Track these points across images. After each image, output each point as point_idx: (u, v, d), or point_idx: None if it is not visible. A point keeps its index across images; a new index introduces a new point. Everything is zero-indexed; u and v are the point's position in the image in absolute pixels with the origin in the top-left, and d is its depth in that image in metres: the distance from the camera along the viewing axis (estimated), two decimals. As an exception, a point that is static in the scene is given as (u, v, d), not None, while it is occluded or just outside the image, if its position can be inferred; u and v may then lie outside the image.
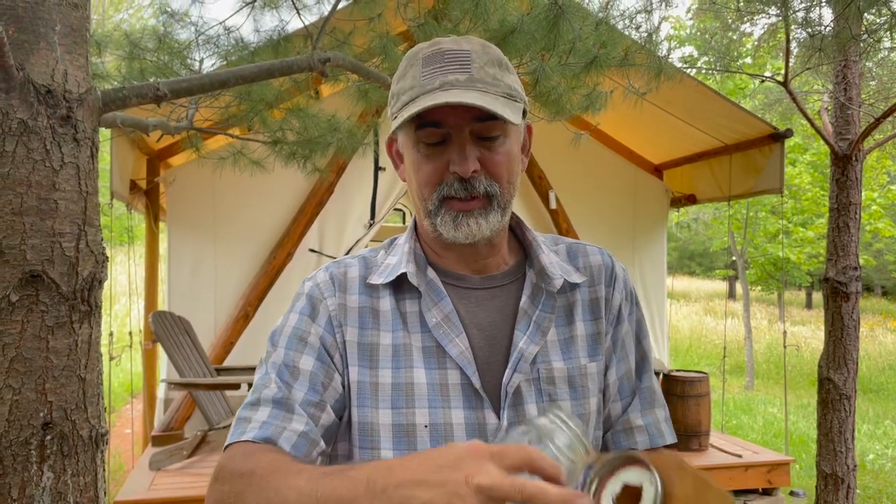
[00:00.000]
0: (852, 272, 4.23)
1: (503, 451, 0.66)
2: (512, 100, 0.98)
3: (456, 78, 0.95)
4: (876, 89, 7.26)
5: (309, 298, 1.05)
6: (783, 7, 3.69)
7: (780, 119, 8.68)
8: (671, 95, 4.64)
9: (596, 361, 1.07)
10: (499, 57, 1.01)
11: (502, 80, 0.99)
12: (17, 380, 1.64)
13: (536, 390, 1.01)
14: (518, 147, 1.05)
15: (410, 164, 1.03)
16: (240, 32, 3.64)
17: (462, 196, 0.98)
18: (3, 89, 1.62)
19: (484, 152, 0.98)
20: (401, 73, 1.02)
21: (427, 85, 0.96)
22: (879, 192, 12.41)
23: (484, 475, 0.64)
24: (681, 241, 23.30)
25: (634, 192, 6.60)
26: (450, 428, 0.97)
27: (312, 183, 5.44)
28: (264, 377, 1.00)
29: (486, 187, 0.98)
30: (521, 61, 3.37)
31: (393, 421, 0.98)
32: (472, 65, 0.97)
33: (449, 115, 0.96)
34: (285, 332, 1.03)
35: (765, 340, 15.18)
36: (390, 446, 0.97)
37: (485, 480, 0.64)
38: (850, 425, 4.23)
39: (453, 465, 0.66)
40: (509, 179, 1.01)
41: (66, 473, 1.70)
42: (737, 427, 8.34)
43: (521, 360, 1.01)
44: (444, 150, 0.98)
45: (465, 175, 0.97)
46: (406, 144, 1.03)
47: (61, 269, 1.69)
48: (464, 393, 0.99)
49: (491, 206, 0.99)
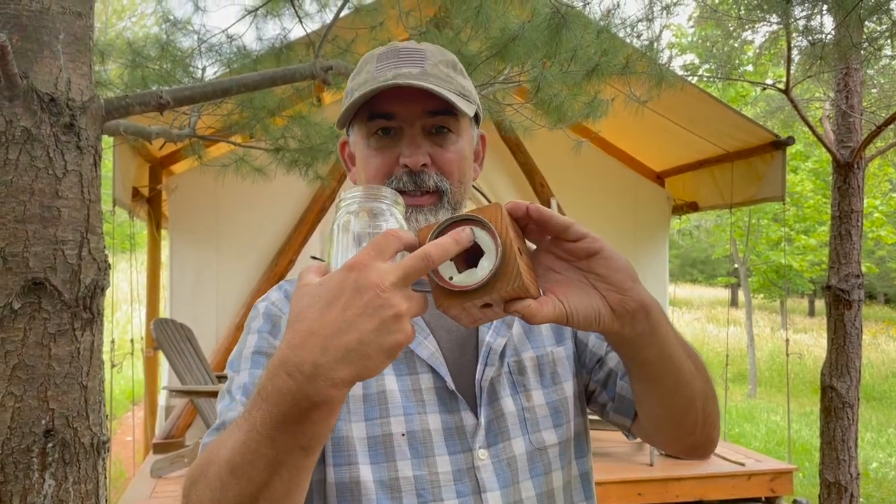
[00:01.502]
0: (855, 280, 4.22)
1: (378, 247, 0.65)
2: (464, 98, 0.98)
3: (409, 71, 0.95)
4: (877, 97, 7.26)
5: (267, 316, 1.00)
6: (784, 15, 3.70)
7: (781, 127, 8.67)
8: (672, 103, 4.65)
9: (563, 346, 1.04)
10: (453, 60, 1.01)
11: (455, 79, 0.99)
12: (20, 387, 1.64)
13: (510, 383, 0.99)
14: (470, 150, 1.03)
15: (360, 159, 1.01)
16: (242, 40, 3.66)
17: (411, 190, 0.96)
18: (7, 97, 1.63)
19: (435, 148, 0.97)
20: (356, 72, 1.02)
21: (380, 77, 0.95)
22: (881, 199, 12.41)
23: (387, 274, 0.63)
24: (683, 248, 23.27)
25: (636, 199, 6.60)
26: (427, 434, 0.94)
27: (314, 190, 5.45)
28: (229, 403, 0.92)
29: (437, 182, 0.97)
30: (522, 69, 3.38)
31: (368, 433, 0.93)
32: (425, 61, 0.97)
33: (401, 108, 0.96)
34: (245, 354, 0.97)
35: (767, 348, 15.14)
36: (367, 460, 0.93)
37: (393, 275, 0.63)
38: (853, 433, 4.21)
39: (352, 291, 0.63)
40: (461, 179, 1.00)
41: (67, 481, 1.70)
42: (739, 435, 8.31)
43: (490, 354, 0.99)
44: (395, 144, 0.97)
45: (414, 167, 0.95)
46: (357, 141, 1.01)
47: (63, 277, 1.69)
48: (438, 396, 0.96)
49: (441, 204, 0.97)
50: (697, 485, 4.55)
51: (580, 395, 1.06)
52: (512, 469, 0.95)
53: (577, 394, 1.05)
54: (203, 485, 0.74)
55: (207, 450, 0.78)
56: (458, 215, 0.75)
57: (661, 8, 3.46)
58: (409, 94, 0.94)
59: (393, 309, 0.63)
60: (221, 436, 0.76)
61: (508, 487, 0.94)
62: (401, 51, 0.98)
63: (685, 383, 0.88)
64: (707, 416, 0.93)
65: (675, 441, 0.98)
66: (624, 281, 0.77)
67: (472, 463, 0.94)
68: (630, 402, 1.01)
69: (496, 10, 2.97)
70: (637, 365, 0.86)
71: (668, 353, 0.84)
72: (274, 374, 0.65)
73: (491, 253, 0.72)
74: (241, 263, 5.51)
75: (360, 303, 0.63)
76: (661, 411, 0.93)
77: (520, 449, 0.96)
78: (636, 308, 0.78)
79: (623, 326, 0.78)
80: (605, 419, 1.07)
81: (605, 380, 1.05)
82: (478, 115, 1.04)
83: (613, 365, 1.04)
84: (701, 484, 4.56)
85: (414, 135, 0.96)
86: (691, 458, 1.02)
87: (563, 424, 1.00)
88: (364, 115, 0.98)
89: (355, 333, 0.63)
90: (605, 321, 0.77)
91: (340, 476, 0.93)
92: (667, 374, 0.86)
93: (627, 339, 0.81)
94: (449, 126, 0.98)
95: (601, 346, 1.06)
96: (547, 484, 0.97)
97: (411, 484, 0.92)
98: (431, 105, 0.95)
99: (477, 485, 0.93)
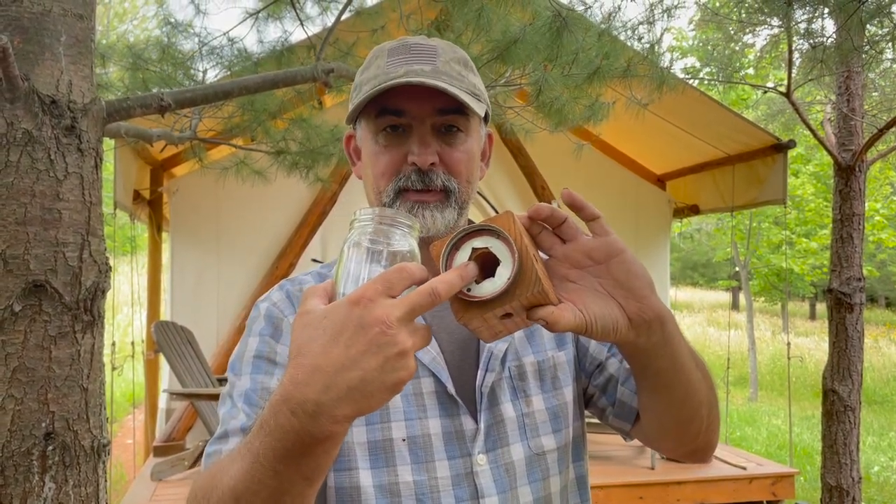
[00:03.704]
0: (856, 283, 4.21)
1: (388, 282, 0.63)
2: (475, 97, 0.97)
3: (421, 68, 0.93)
4: (878, 100, 7.26)
5: (268, 319, 0.98)
6: (785, 18, 3.70)
7: (782, 130, 8.68)
8: (673, 106, 4.65)
9: (564, 351, 1.03)
10: (465, 57, 1.00)
11: (467, 77, 0.97)
12: (20, 390, 1.63)
13: (510, 388, 0.98)
14: (479, 149, 1.02)
15: (368, 155, 0.99)
16: (243, 43, 3.67)
17: (419, 188, 0.95)
18: (8, 99, 1.63)
19: (444, 147, 0.96)
20: (365, 66, 1.00)
21: (391, 73, 0.93)
22: (883, 202, 12.39)
23: (393, 309, 0.62)
24: (683, 251, 23.26)
25: (637, 202, 6.59)
26: (428, 439, 0.93)
27: (315, 193, 5.45)
28: (231, 410, 0.91)
29: (444, 182, 0.96)
30: (523, 71, 3.38)
31: (368, 438, 0.93)
32: (437, 58, 0.95)
33: (411, 105, 0.94)
34: (247, 357, 0.96)
35: (768, 351, 15.13)
36: (367, 465, 0.92)
37: (399, 311, 0.62)
38: (854, 437, 4.20)
39: (356, 328, 0.61)
40: (468, 178, 0.98)
41: (67, 484, 1.69)
42: (741, 439, 8.30)
43: (491, 359, 0.98)
44: (404, 141, 0.96)
45: (423, 166, 0.94)
46: (365, 137, 1.00)
47: (64, 279, 1.69)
48: (439, 400, 0.95)
49: (448, 203, 0.96)
50: (699, 488, 4.54)
51: (579, 399, 1.05)
52: (510, 474, 0.95)
53: (576, 398, 1.04)
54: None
55: (211, 471, 0.78)
56: (471, 227, 0.74)
57: (662, 11, 3.45)
58: (420, 91, 0.92)
59: (398, 346, 0.62)
60: (224, 459, 0.76)
61: (506, 493, 0.94)
62: (412, 46, 0.96)
63: (693, 392, 0.88)
64: (710, 422, 0.93)
65: (678, 446, 0.98)
66: (643, 288, 0.76)
67: (471, 468, 0.93)
68: (630, 408, 1.01)
69: (497, 12, 2.97)
70: (649, 375, 0.86)
71: (679, 363, 0.83)
72: (277, 411, 0.65)
73: (507, 261, 0.72)
74: (242, 266, 5.51)
75: (364, 339, 0.61)
76: (668, 419, 0.93)
77: (518, 454, 0.96)
78: (653, 318, 0.77)
79: (639, 336, 0.78)
80: (603, 423, 1.06)
81: (605, 385, 1.04)
82: (487, 114, 1.03)
83: (613, 370, 1.04)
84: (702, 487, 4.55)
85: (424, 133, 0.95)
86: (691, 461, 1.02)
87: (562, 430, 1.00)
88: (373, 111, 0.96)
89: (359, 371, 0.61)
90: (623, 331, 0.76)
91: (340, 481, 0.93)
92: (677, 384, 0.85)
93: (642, 349, 0.80)
94: (459, 125, 0.97)
95: (601, 350, 1.05)
96: (545, 489, 0.97)
97: (411, 489, 0.92)
98: (442, 103, 0.94)
99: (475, 490, 0.93)
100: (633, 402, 1.00)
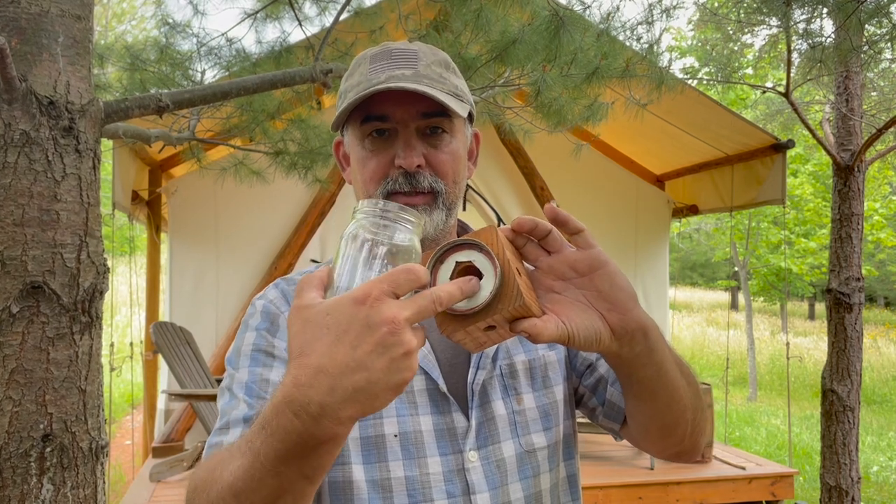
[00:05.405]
0: (855, 283, 4.21)
1: (395, 282, 0.62)
2: (458, 98, 0.98)
3: (402, 73, 0.95)
4: (877, 100, 7.27)
5: (265, 314, 1.00)
6: (784, 18, 3.70)
7: (781, 130, 8.68)
8: (672, 106, 4.65)
9: (555, 350, 1.05)
10: (446, 59, 1.02)
11: (448, 79, 0.99)
12: (18, 391, 1.63)
13: (501, 386, 1.00)
14: (464, 150, 1.04)
15: (356, 161, 1.01)
16: (242, 44, 3.66)
17: (406, 190, 0.97)
18: (6, 100, 1.62)
19: (430, 149, 0.98)
20: (349, 73, 1.02)
21: (373, 79, 0.95)
22: (881, 202, 12.41)
23: (401, 310, 0.61)
24: (682, 251, 23.27)
25: (636, 202, 6.60)
26: (419, 435, 0.95)
27: (314, 193, 5.45)
28: (231, 401, 0.92)
29: (432, 183, 0.97)
30: (522, 72, 3.38)
31: (360, 434, 0.94)
32: (418, 62, 0.97)
33: (395, 110, 0.96)
34: (244, 351, 0.97)
35: (767, 351, 15.14)
36: (360, 460, 0.94)
37: (408, 312, 0.62)
38: (853, 437, 4.21)
39: (362, 327, 0.61)
40: (455, 179, 1.00)
41: (65, 486, 1.69)
42: (740, 439, 8.30)
43: (482, 357, 0.99)
44: (390, 146, 0.97)
45: (409, 168, 0.96)
46: (352, 142, 1.02)
47: (62, 280, 1.68)
48: (430, 397, 0.97)
49: (436, 204, 0.98)
50: (698, 489, 4.54)
51: (570, 399, 1.07)
52: (501, 471, 0.96)
53: (567, 397, 1.06)
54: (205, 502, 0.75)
55: (210, 464, 0.78)
56: (454, 241, 0.75)
57: (660, 11, 3.45)
58: (402, 96, 0.94)
59: (404, 347, 0.61)
60: (224, 453, 0.76)
61: (497, 489, 0.95)
62: (393, 52, 0.98)
63: (678, 399, 0.89)
64: (695, 426, 0.95)
65: (664, 448, 1.00)
66: (626, 300, 0.78)
67: (463, 464, 0.95)
68: (620, 409, 1.03)
69: (496, 13, 2.97)
70: (633, 383, 0.87)
71: (663, 372, 0.85)
72: (279, 412, 0.64)
73: (490, 275, 0.73)
74: (241, 267, 5.51)
75: (371, 339, 0.61)
76: (653, 424, 0.94)
77: (509, 451, 0.97)
78: (635, 329, 0.78)
79: (622, 347, 0.79)
80: (594, 422, 1.08)
81: (595, 385, 1.06)
82: (471, 113, 1.05)
83: (604, 371, 1.06)
84: (701, 488, 4.55)
85: (408, 136, 0.97)
86: (677, 462, 1.04)
87: (553, 428, 1.02)
88: (358, 118, 0.98)
89: (365, 373, 0.61)
90: (605, 342, 0.78)
91: (333, 475, 0.94)
92: (661, 391, 0.87)
93: (625, 360, 0.82)
94: (443, 127, 0.98)
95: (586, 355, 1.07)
96: (535, 486, 0.98)
97: (402, 484, 0.93)
98: (425, 107, 0.96)
99: (467, 486, 0.94)
100: (623, 402, 1.02)
